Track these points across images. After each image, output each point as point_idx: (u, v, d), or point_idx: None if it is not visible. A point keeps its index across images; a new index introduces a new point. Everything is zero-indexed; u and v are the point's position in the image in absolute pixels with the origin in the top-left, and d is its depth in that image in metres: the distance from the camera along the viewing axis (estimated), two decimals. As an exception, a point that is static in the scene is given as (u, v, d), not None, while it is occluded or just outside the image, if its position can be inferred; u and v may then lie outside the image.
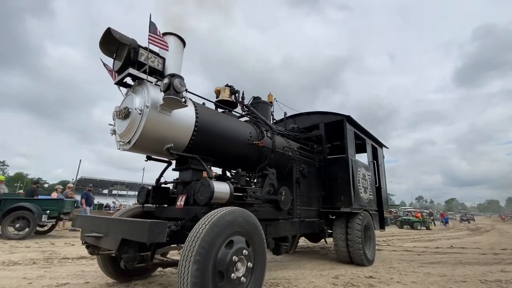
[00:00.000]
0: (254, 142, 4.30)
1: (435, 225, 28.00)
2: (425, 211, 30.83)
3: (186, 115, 3.37)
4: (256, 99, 5.42)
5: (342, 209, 5.54)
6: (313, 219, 5.55)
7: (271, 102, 5.91)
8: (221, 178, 3.48)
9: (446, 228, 26.40)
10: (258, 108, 5.31)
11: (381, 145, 8.15)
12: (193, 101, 3.65)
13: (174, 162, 3.94)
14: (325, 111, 6.46)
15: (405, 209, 38.32)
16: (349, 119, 6.07)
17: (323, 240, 7.65)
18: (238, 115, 4.93)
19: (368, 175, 6.72)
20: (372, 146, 7.43)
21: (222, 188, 3.08)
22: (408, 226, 23.15)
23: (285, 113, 6.82)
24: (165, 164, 4.00)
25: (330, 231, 5.90)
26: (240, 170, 3.72)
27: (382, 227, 7.21)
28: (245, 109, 5.18)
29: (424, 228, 23.12)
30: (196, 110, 3.54)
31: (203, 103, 4.12)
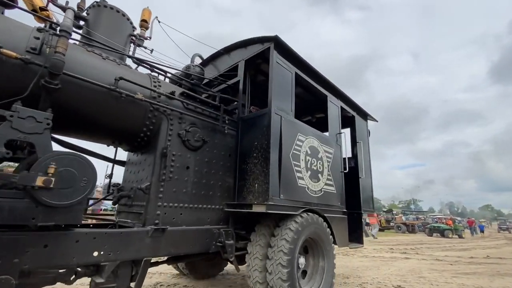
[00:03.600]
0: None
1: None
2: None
3: None
4: (99, 3, 2.98)
5: (255, 209, 2.90)
6: (205, 226, 2.98)
7: (144, 21, 3.44)
8: None
9: (480, 236, 24.95)
10: (100, 16, 2.92)
11: (364, 114, 5.27)
12: None
13: None
14: (247, 38, 3.74)
15: (434, 215, 36.21)
16: (279, 44, 3.37)
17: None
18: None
19: (328, 152, 3.95)
20: (342, 109, 4.61)
21: None
22: (438, 234, 21.63)
23: (195, 56, 4.28)
24: None
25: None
26: None
27: (357, 240, 4.33)
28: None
29: (456, 236, 21.59)
30: None
31: None
